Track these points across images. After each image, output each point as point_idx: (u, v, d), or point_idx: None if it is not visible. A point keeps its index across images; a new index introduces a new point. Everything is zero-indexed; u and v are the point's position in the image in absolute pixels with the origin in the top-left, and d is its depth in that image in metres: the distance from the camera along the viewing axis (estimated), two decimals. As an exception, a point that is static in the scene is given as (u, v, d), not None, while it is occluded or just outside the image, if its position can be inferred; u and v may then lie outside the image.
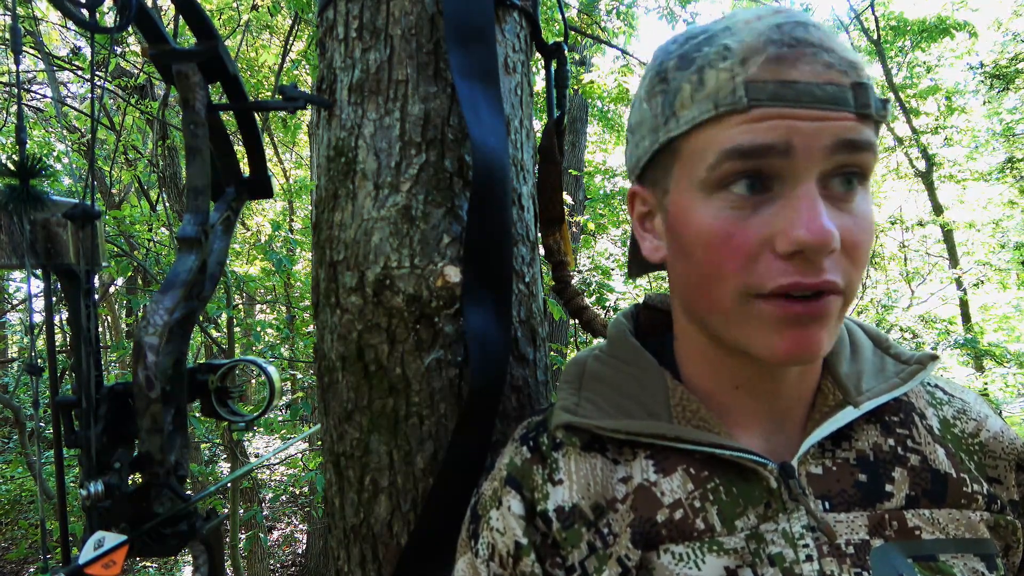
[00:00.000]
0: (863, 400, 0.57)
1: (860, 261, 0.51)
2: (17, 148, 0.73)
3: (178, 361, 0.81)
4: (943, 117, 9.50)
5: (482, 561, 0.58)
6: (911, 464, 0.57)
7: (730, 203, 0.50)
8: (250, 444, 6.45)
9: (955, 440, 0.60)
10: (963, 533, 0.54)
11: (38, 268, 0.75)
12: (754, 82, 0.48)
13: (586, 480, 0.58)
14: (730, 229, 0.50)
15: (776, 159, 0.48)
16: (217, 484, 0.97)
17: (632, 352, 0.63)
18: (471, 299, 0.72)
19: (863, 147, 0.49)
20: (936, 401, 0.63)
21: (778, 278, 0.48)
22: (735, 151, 0.49)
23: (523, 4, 0.87)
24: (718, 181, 0.50)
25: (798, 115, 0.48)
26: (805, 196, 0.48)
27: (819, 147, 0.48)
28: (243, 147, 0.91)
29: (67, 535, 0.79)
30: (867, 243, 0.51)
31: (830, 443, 0.57)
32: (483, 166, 0.71)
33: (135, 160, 4.94)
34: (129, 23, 0.69)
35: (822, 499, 0.54)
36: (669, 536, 0.54)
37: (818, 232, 0.46)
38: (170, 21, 3.89)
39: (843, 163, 0.49)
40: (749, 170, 0.49)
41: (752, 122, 0.48)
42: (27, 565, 5.72)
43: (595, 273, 4.48)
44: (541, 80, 1.10)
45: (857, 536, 0.53)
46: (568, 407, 0.60)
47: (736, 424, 0.59)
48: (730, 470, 0.55)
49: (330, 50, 0.84)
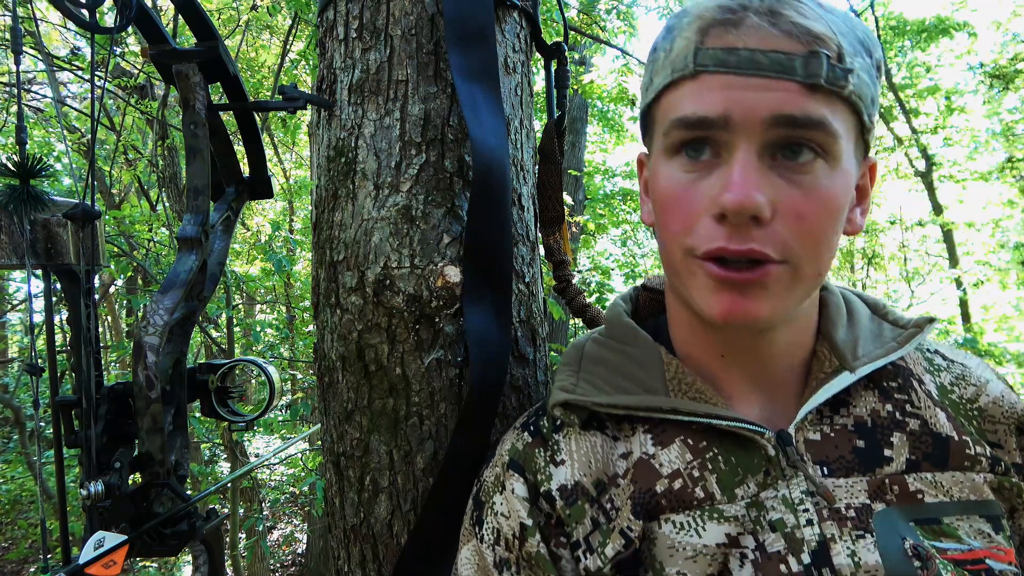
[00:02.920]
0: (859, 365, 0.57)
1: (809, 233, 0.50)
2: (17, 148, 0.73)
3: (178, 361, 0.81)
4: (943, 117, 9.48)
5: (488, 546, 0.59)
6: (910, 429, 0.57)
7: (682, 167, 0.53)
8: (250, 444, 6.45)
9: (954, 405, 0.60)
10: (967, 495, 0.54)
11: (38, 268, 0.75)
12: (702, 48, 0.50)
13: (587, 458, 0.58)
14: (678, 192, 0.53)
15: (716, 130, 0.50)
16: (217, 484, 0.97)
17: (628, 332, 0.64)
18: (471, 299, 0.72)
19: (805, 123, 0.48)
20: (934, 368, 0.63)
21: (710, 242, 0.50)
22: (680, 121, 0.51)
23: (523, 4, 0.87)
24: (672, 147, 0.53)
25: (739, 84, 0.49)
26: (738, 163, 0.49)
27: (757, 120, 0.48)
28: (243, 147, 0.91)
29: (67, 535, 0.79)
30: (818, 216, 0.50)
31: (828, 410, 0.58)
32: (483, 166, 0.71)
33: (135, 160, 4.94)
34: (129, 23, 0.69)
35: (820, 465, 0.55)
36: (669, 506, 0.54)
37: (737, 198, 0.48)
38: (170, 21, 3.88)
39: (785, 137, 0.49)
40: (694, 139, 0.52)
41: (699, 89, 0.51)
42: (27, 565, 5.72)
43: (595, 273, 4.48)
44: (541, 80, 1.10)
45: (857, 500, 0.53)
46: (566, 387, 0.61)
47: (732, 395, 0.59)
48: (728, 440, 0.56)
49: (330, 50, 0.84)
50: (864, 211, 0.58)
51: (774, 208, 0.49)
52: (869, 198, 0.59)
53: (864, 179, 0.57)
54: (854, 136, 0.52)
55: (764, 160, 0.50)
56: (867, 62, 0.51)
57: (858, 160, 0.54)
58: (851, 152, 0.52)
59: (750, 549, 0.52)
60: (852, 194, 0.55)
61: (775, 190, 0.49)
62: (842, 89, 0.49)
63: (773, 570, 0.51)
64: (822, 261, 0.52)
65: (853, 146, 0.52)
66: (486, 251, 0.73)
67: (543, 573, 0.56)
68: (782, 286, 0.51)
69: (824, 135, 0.49)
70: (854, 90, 0.49)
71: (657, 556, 0.53)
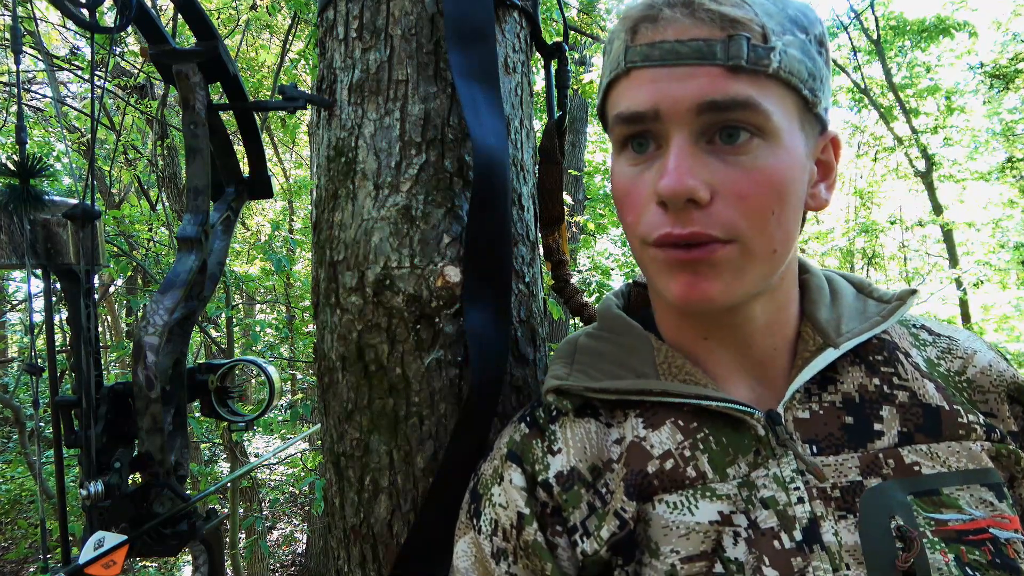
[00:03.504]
0: (843, 341, 0.58)
1: (754, 212, 0.51)
2: (17, 148, 0.73)
3: (178, 361, 0.81)
4: (943, 117, 9.49)
5: (485, 537, 0.59)
6: (899, 401, 0.57)
7: (629, 161, 0.55)
8: (250, 444, 6.45)
9: (943, 377, 0.60)
10: (966, 464, 0.54)
11: (38, 268, 0.75)
12: (632, 46, 0.52)
13: (582, 444, 0.59)
14: (628, 185, 0.55)
15: (651, 123, 0.52)
16: (217, 484, 0.97)
17: (618, 322, 0.65)
18: (471, 299, 0.73)
19: (730, 106, 0.49)
20: (920, 343, 0.63)
21: (657, 229, 0.52)
22: (618, 117, 0.54)
23: (523, 4, 0.87)
24: (618, 142, 0.56)
25: (665, 76, 0.51)
26: (672, 151, 0.51)
27: (683, 109, 0.50)
28: (243, 147, 0.91)
29: (67, 535, 0.79)
30: (761, 194, 0.51)
31: (816, 387, 0.58)
32: (483, 166, 0.71)
33: (135, 160, 4.94)
34: (129, 23, 0.69)
35: (809, 443, 0.55)
36: (662, 486, 0.55)
37: (669, 183, 0.50)
38: (170, 21, 3.88)
39: (716, 121, 0.50)
40: (635, 133, 0.54)
41: (631, 85, 0.53)
42: (27, 565, 5.72)
43: (595, 273, 4.47)
44: (541, 80, 1.10)
45: (846, 479, 0.53)
46: (558, 375, 0.62)
47: (721, 376, 0.60)
48: (719, 420, 0.56)
49: (330, 50, 0.84)
50: (830, 186, 0.59)
51: (714, 190, 0.51)
52: (835, 173, 0.59)
53: (827, 154, 0.58)
54: (796, 112, 0.53)
55: (701, 145, 0.51)
56: (800, 38, 0.52)
57: (809, 135, 0.55)
58: (794, 128, 0.53)
59: (743, 527, 0.52)
60: (810, 169, 0.56)
61: (713, 173, 0.51)
62: (766, 68, 0.50)
63: (767, 546, 0.51)
64: (774, 238, 0.53)
65: (797, 122, 0.53)
66: (486, 251, 0.73)
67: (540, 562, 0.56)
68: (733, 265, 0.52)
69: (754, 114, 0.50)
70: (781, 67, 0.50)
71: (652, 536, 0.54)
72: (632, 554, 0.54)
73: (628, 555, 0.54)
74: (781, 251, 0.54)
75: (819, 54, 0.54)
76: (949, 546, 0.51)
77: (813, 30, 0.53)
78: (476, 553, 0.60)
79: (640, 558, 0.54)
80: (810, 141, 0.55)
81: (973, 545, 0.51)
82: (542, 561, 0.56)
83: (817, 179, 0.58)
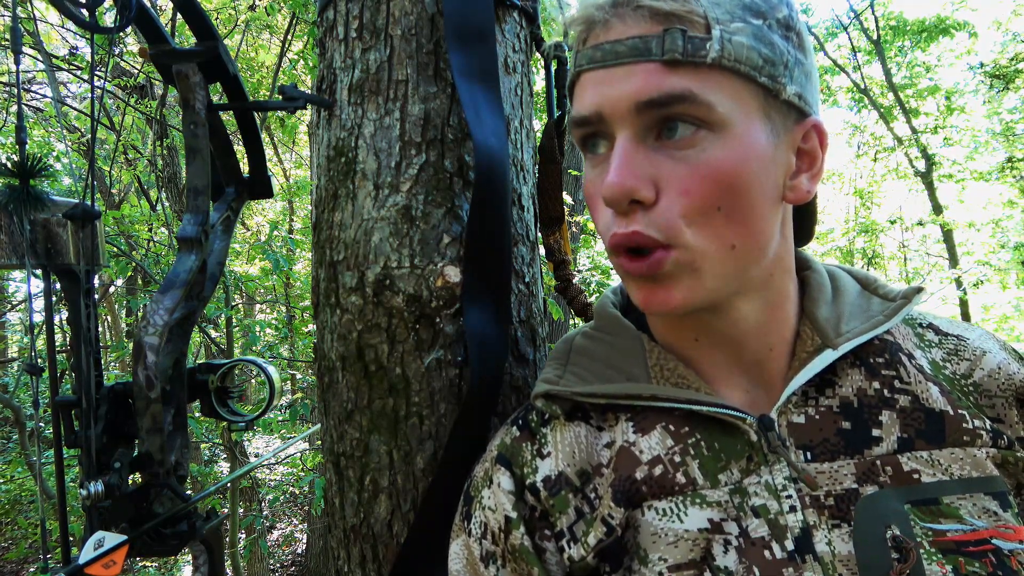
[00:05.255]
0: (842, 341, 0.55)
1: (697, 208, 0.49)
2: (17, 148, 0.73)
3: (178, 361, 0.81)
4: (943, 117, 9.49)
5: (475, 540, 0.59)
6: (900, 406, 0.55)
7: (590, 164, 0.55)
8: (250, 444, 6.45)
9: (948, 381, 0.57)
10: (969, 472, 0.52)
11: (38, 268, 0.75)
12: (581, 50, 0.53)
13: (571, 448, 0.58)
14: (590, 188, 0.55)
15: (597, 125, 0.52)
16: (217, 484, 0.97)
17: (613, 321, 0.64)
18: (471, 299, 0.72)
19: (667, 101, 0.48)
20: (925, 343, 0.60)
21: (608, 230, 0.53)
22: (572, 121, 0.54)
23: (523, 4, 0.87)
24: (580, 146, 0.56)
25: (605, 77, 0.51)
26: (615, 152, 0.51)
27: (623, 109, 0.50)
28: (243, 147, 0.91)
29: (67, 535, 0.79)
30: (704, 189, 0.49)
31: (814, 390, 0.56)
32: (483, 166, 0.71)
33: (135, 160, 4.94)
34: (129, 23, 0.69)
35: (803, 449, 0.53)
36: (651, 492, 0.53)
37: (608, 184, 0.49)
38: (170, 21, 3.88)
39: (658, 117, 0.50)
40: (586, 135, 0.54)
41: (580, 89, 0.53)
42: (27, 565, 5.72)
43: (595, 273, 4.47)
44: (541, 80, 1.10)
45: (840, 486, 0.52)
46: (549, 379, 0.61)
47: (715, 379, 0.58)
48: (711, 425, 0.55)
49: (330, 50, 0.84)
50: (813, 176, 0.55)
51: (658, 188, 0.50)
52: (820, 162, 0.55)
53: (809, 143, 0.54)
54: (754, 101, 0.50)
55: (649, 143, 0.50)
56: (755, 24, 0.50)
57: (778, 124, 0.52)
58: (752, 118, 0.50)
59: (733, 535, 0.51)
60: (785, 160, 0.53)
61: (659, 169, 0.50)
62: (703, 58, 0.48)
63: (757, 556, 0.50)
64: (726, 234, 0.50)
65: (758, 111, 0.50)
66: (486, 251, 0.73)
67: (527, 566, 0.55)
68: (687, 269, 0.51)
69: (694, 107, 0.48)
70: (724, 56, 0.48)
71: (641, 543, 0.52)
72: (620, 561, 0.53)
73: (616, 562, 0.53)
74: (744, 247, 0.51)
75: (784, 39, 0.51)
76: (947, 557, 0.49)
77: (775, 14, 0.51)
78: (467, 556, 0.59)
79: (629, 565, 0.53)
80: (780, 130, 0.52)
81: (973, 556, 0.49)
82: (529, 566, 0.55)
83: (798, 169, 0.54)
